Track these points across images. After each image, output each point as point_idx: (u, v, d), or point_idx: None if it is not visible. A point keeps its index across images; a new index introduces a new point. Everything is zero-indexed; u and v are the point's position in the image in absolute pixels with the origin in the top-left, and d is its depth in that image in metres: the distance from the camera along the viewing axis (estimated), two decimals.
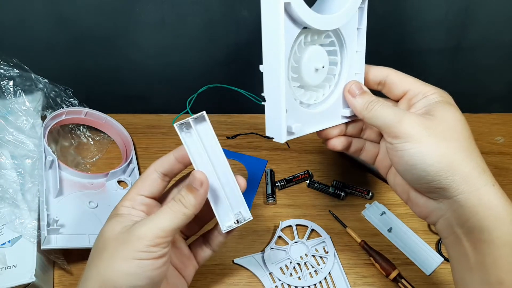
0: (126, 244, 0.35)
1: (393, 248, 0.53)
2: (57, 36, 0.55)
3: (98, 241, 0.38)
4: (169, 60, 0.60)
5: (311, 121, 0.42)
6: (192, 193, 0.37)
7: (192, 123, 0.39)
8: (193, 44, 0.57)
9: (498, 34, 0.57)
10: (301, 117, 0.41)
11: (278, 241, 0.54)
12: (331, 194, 0.58)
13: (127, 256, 0.35)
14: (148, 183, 0.41)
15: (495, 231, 0.34)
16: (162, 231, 0.36)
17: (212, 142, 0.40)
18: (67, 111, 0.58)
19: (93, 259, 0.37)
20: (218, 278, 0.51)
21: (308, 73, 0.41)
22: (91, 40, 0.56)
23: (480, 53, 0.60)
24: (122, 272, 0.35)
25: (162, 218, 0.36)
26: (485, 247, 0.34)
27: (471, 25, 0.56)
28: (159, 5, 0.52)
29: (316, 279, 0.50)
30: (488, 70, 0.63)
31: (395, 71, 0.42)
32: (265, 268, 0.51)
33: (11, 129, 0.53)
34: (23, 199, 0.49)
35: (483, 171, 0.36)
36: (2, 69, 0.55)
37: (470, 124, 0.70)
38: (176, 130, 0.39)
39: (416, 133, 0.36)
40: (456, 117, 0.38)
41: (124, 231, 0.37)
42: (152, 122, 0.67)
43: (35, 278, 0.44)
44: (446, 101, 0.39)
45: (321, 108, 0.43)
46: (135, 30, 0.55)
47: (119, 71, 0.61)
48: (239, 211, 0.41)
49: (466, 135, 0.38)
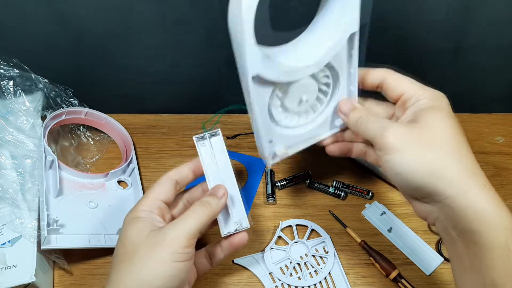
0: (160, 247, 0.37)
1: (393, 248, 0.53)
2: (57, 36, 0.55)
3: (124, 245, 0.39)
4: (169, 60, 0.60)
5: (300, 139, 0.46)
6: (216, 199, 0.41)
7: (208, 136, 0.46)
8: (193, 44, 0.57)
9: (498, 34, 0.57)
10: (287, 140, 0.45)
11: (278, 241, 0.54)
12: (331, 194, 0.58)
13: (164, 258, 0.37)
14: (165, 189, 0.43)
15: (485, 234, 0.34)
16: (192, 232, 0.38)
17: (222, 155, 0.46)
18: (67, 111, 0.58)
19: (121, 263, 0.38)
20: (218, 278, 0.51)
21: (292, 103, 0.43)
22: (91, 40, 0.56)
23: (480, 53, 0.60)
24: (159, 274, 0.36)
25: (190, 220, 0.39)
26: (477, 249, 0.35)
27: (471, 25, 0.56)
28: (159, 5, 0.52)
29: (316, 279, 0.50)
30: (488, 70, 0.63)
31: (393, 73, 0.42)
32: (265, 268, 0.51)
33: (11, 129, 0.53)
34: (23, 199, 0.49)
35: (472, 174, 0.36)
36: (2, 69, 0.55)
37: (470, 124, 0.70)
38: (194, 141, 0.46)
39: (398, 144, 0.38)
40: (443, 123, 0.38)
41: (154, 235, 0.38)
42: (152, 122, 0.67)
43: (35, 278, 0.44)
44: (435, 106, 0.39)
45: (310, 126, 0.46)
46: (135, 30, 0.55)
47: (119, 71, 0.61)
48: (240, 220, 0.44)
49: (456, 140, 0.38)
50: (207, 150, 0.46)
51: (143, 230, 0.39)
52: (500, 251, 0.33)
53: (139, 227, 0.39)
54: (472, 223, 0.35)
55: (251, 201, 0.58)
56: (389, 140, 0.38)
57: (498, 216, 0.34)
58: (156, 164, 0.62)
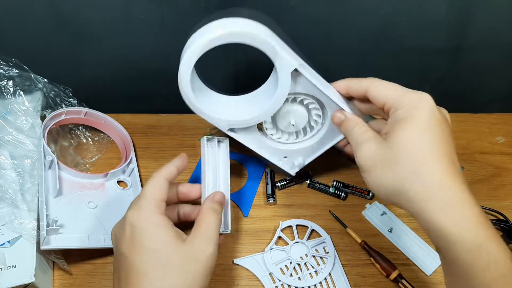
0: (199, 264, 0.38)
1: (394, 248, 0.53)
2: (57, 36, 0.55)
3: (149, 253, 0.38)
4: (169, 60, 0.60)
5: (310, 150, 0.53)
6: (221, 208, 0.45)
7: (217, 140, 0.51)
8: None
9: (498, 34, 0.57)
10: (300, 152, 0.53)
11: (278, 241, 0.54)
12: (331, 194, 0.58)
13: (200, 273, 0.38)
14: (164, 189, 0.43)
15: (449, 253, 0.35)
16: (216, 241, 0.41)
17: (224, 162, 0.51)
18: (66, 111, 0.58)
19: (150, 272, 0.37)
20: (218, 278, 0.50)
21: (283, 125, 0.50)
22: (90, 40, 0.56)
23: (480, 53, 0.60)
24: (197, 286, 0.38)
25: (214, 233, 0.41)
26: (449, 262, 0.36)
27: (471, 25, 0.56)
28: (159, 5, 0.52)
29: (317, 280, 0.50)
30: (488, 70, 0.63)
31: (376, 82, 0.42)
32: (265, 268, 0.51)
33: (11, 129, 0.53)
34: (22, 199, 0.49)
35: (433, 192, 0.36)
36: (1, 69, 0.55)
37: (470, 124, 0.70)
38: (202, 141, 0.50)
39: (365, 164, 0.39)
40: (411, 138, 0.37)
41: (183, 246, 0.39)
42: (152, 122, 0.67)
43: (35, 278, 0.44)
44: (408, 117, 0.38)
45: (316, 139, 0.52)
46: (135, 30, 0.55)
47: (119, 71, 0.61)
48: (225, 224, 0.48)
49: (421, 155, 0.37)
50: (213, 152, 0.50)
51: (166, 237, 0.39)
52: (467, 267, 0.34)
53: (161, 233, 0.39)
54: (436, 240, 0.36)
55: (251, 201, 0.57)
56: (358, 160, 0.40)
57: (460, 235, 0.34)
58: (156, 164, 0.61)
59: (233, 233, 0.54)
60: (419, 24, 0.55)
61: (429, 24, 0.56)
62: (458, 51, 0.59)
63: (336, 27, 0.55)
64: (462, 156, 0.63)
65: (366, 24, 0.55)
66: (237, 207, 0.57)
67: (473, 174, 0.61)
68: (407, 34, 0.57)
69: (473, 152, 0.64)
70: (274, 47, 0.40)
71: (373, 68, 0.61)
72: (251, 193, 0.58)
